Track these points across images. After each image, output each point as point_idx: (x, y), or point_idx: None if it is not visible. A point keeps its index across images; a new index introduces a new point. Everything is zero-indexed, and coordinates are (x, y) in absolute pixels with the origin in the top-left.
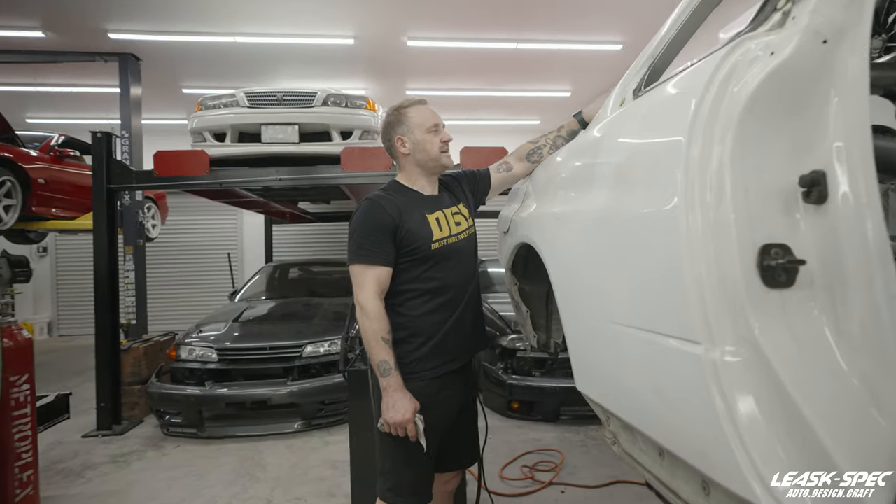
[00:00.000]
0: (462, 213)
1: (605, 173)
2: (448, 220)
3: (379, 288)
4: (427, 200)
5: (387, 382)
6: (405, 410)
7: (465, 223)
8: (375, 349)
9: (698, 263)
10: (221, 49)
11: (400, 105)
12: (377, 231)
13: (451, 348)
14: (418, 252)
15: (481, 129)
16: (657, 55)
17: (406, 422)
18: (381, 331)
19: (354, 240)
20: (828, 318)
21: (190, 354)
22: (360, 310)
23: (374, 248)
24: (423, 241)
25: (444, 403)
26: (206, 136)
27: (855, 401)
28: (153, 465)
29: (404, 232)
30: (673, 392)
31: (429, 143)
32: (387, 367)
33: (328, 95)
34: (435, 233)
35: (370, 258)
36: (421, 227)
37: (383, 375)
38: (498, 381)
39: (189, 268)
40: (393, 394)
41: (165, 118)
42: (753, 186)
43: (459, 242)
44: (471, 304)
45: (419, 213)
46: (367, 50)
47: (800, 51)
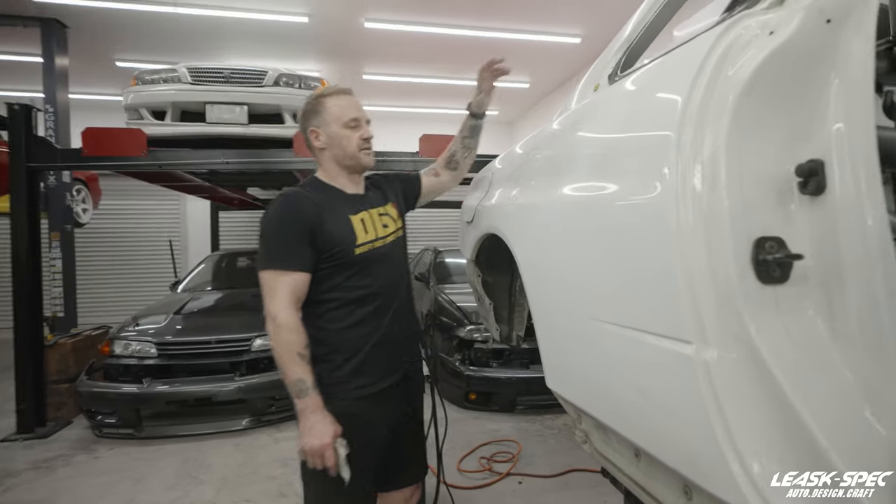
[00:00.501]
0: (390, 214)
1: (584, 160)
2: (374, 222)
3: (294, 296)
4: (350, 199)
5: (303, 404)
6: (323, 435)
7: (394, 225)
8: (290, 366)
9: (689, 257)
10: (161, 20)
11: (319, 93)
12: (292, 232)
13: (379, 365)
14: (340, 257)
15: (440, 117)
16: (634, 39)
17: (324, 448)
18: (297, 345)
19: (266, 242)
20: (823, 316)
21: (125, 349)
22: (270, 321)
23: (288, 251)
24: (345, 245)
25: (376, 423)
26: (143, 113)
27: (852, 402)
28: (83, 471)
29: (324, 234)
30: (658, 393)
31: (345, 138)
32: (303, 386)
33: (280, 75)
34: (359, 236)
35: (284, 263)
36: (343, 230)
37: (299, 396)
38: (455, 372)
39: (126, 256)
40: (310, 416)
41: (97, 93)
42: (748, 176)
43: (386, 246)
44: (401, 312)
45: (341, 214)
46: (322, 29)
47: (802, 31)
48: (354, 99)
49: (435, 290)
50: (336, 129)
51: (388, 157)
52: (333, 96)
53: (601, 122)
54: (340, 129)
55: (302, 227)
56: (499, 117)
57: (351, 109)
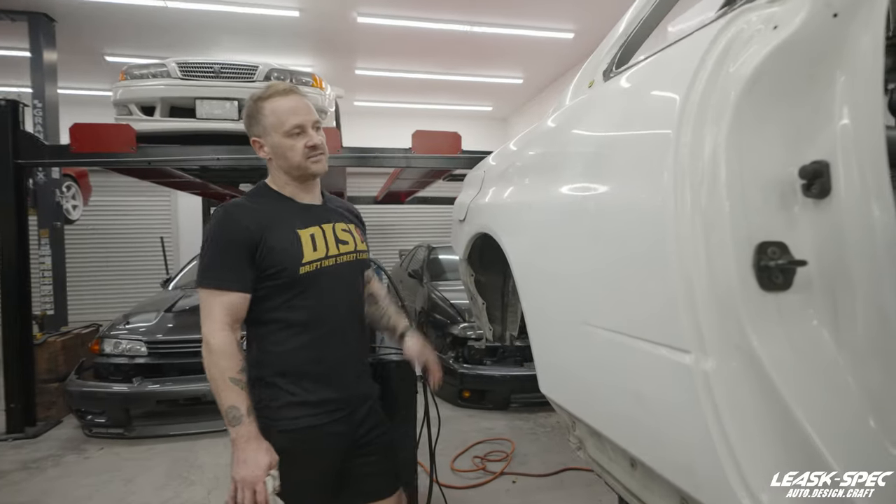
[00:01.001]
0: (353, 233)
1: (578, 159)
2: (327, 238)
3: (230, 318)
4: (301, 211)
5: (236, 433)
6: (255, 467)
7: (353, 244)
8: (223, 392)
9: (687, 262)
10: (151, 13)
11: (259, 95)
12: (230, 249)
13: (325, 395)
14: (282, 276)
15: (434, 113)
16: (629, 34)
17: (255, 480)
18: (229, 369)
19: (203, 259)
20: (828, 325)
21: (116, 348)
22: (204, 344)
23: (224, 269)
24: (288, 263)
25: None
26: (132, 108)
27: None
28: (73, 471)
29: (265, 250)
30: (655, 402)
31: (289, 149)
32: (236, 413)
33: (271, 70)
34: (306, 253)
35: (219, 282)
36: (288, 245)
37: (232, 424)
38: (449, 370)
39: (117, 253)
40: (245, 445)
41: (87, 88)
42: (750, 177)
43: (339, 266)
44: (352, 343)
45: (288, 228)
46: (314, 24)
47: (807, 25)
48: (300, 99)
49: (428, 287)
50: (277, 139)
51: (381, 153)
52: (273, 99)
53: (596, 119)
54: (282, 138)
55: (240, 245)
56: (493, 113)
57: (293, 115)
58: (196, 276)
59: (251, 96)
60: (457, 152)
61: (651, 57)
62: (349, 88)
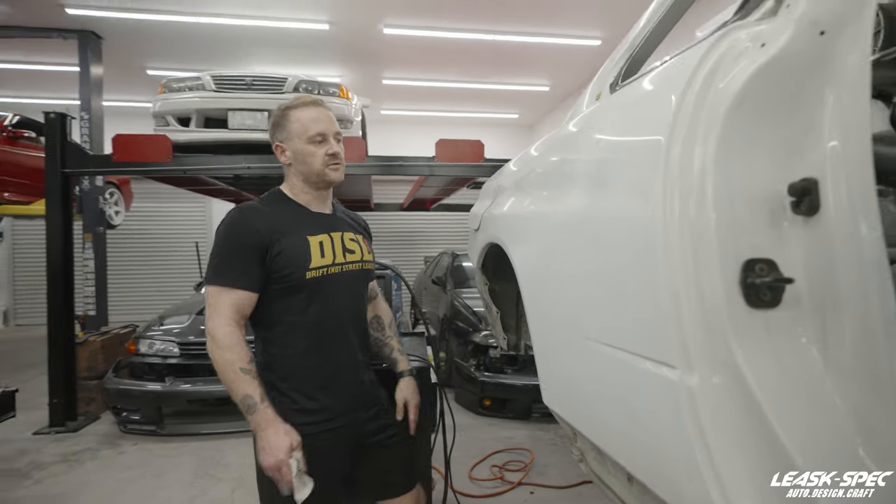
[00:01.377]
0: (360, 243)
1: (578, 173)
2: (335, 246)
3: (237, 314)
4: (312, 218)
5: (254, 421)
6: (278, 450)
7: (360, 254)
8: (235, 384)
9: (676, 278)
10: (189, 30)
11: (287, 105)
12: (241, 249)
13: (327, 403)
14: (288, 280)
15: (460, 121)
16: (636, 47)
17: (280, 464)
18: (238, 361)
19: (214, 257)
20: (817, 343)
21: (150, 348)
22: (209, 339)
23: (235, 268)
24: (296, 267)
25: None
26: (169, 120)
27: (843, 435)
28: (108, 465)
29: (275, 254)
30: (645, 418)
31: (310, 155)
32: (251, 402)
33: (300, 81)
34: (314, 259)
35: (228, 280)
36: (296, 251)
37: (248, 413)
38: (470, 377)
39: (155, 257)
40: (263, 432)
41: (130, 100)
42: (738, 194)
43: (344, 274)
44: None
45: (298, 233)
46: (343, 36)
47: (795, 43)
48: (324, 111)
49: (451, 294)
50: (300, 145)
51: (404, 161)
52: (300, 108)
53: (597, 133)
54: (305, 144)
55: (251, 247)
56: (519, 120)
57: (317, 123)
58: (205, 274)
59: (279, 105)
60: (479, 160)
61: (649, 72)
62: (377, 97)
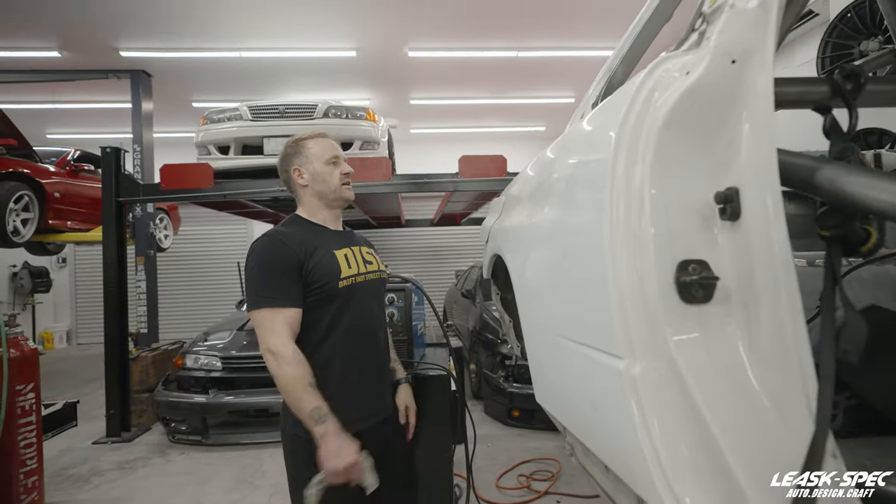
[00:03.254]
0: (374, 255)
1: (554, 188)
2: (356, 258)
3: (291, 332)
4: (333, 235)
5: (324, 429)
6: (349, 453)
7: (377, 265)
8: (304, 398)
9: (621, 279)
10: (229, 64)
11: (299, 137)
12: (282, 270)
13: (357, 404)
14: (324, 290)
15: (487, 136)
16: (613, 69)
17: (355, 464)
18: (307, 376)
19: (257, 282)
20: (742, 334)
21: (195, 363)
22: (273, 358)
23: (281, 289)
24: (331, 277)
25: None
26: (210, 149)
27: (763, 418)
28: (158, 472)
29: (310, 267)
30: (603, 407)
31: (328, 174)
32: (321, 413)
33: (329, 107)
34: (343, 269)
35: (278, 301)
36: (329, 262)
37: (319, 422)
38: (498, 388)
39: (200, 277)
40: (334, 439)
41: (177, 131)
42: (674, 203)
43: (368, 282)
44: (382, 352)
45: (325, 249)
46: (369, 61)
47: (710, 70)
48: (330, 141)
49: (480, 307)
50: (319, 167)
51: (430, 178)
52: (312, 139)
53: (570, 151)
54: (323, 166)
55: (290, 266)
56: (545, 133)
57: (330, 149)
58: (248, 301)
59: (293, 138)
60: (502, 174)
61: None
62: (405, 117)
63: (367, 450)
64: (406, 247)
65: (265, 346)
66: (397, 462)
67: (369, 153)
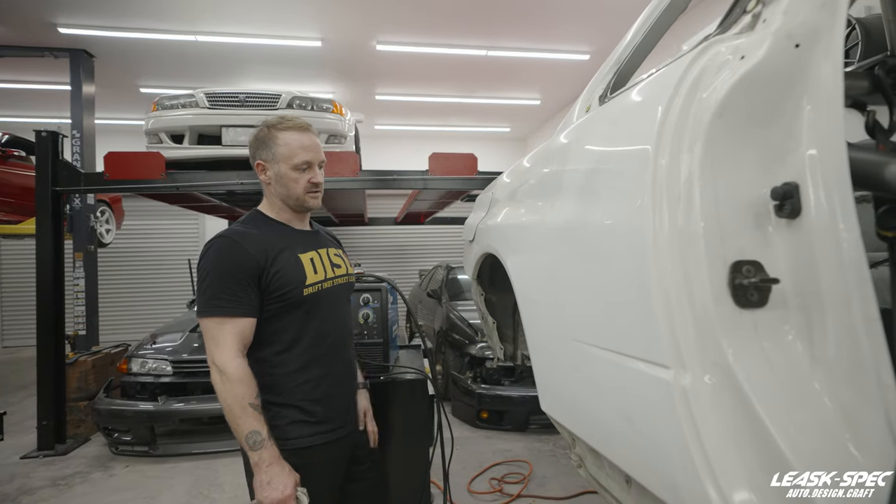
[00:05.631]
0: (343, 257)
1: (570, 182)
2: (324, 262)
3: (241, 344)
4: (298, 236)
5: (259, 457)
6: (284, 486)
7: (345, 268)
8: (242, 419)
9: (666, 282)
10: (182, 48)
11: (274, 124)
12: (237, 276)
13: (327, 413)
14: (287, 298)
15: (453, 135)
16: (623, 61)
17: (286, 500)
18: (248, 395)
19: (207, 287)
20: (802, 341)
21: (142, 367)
22: (216, 373)
23: (233, 297)
24: (295, 285)
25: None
26: (162, 137)
27: (831, 432)
28: (99, 488)
29: (272, 274)
30: (640, 419)
31: (292, 181)
32: (258, 438)
33: (293, 98)
34: (308, 275)
35: (229, 310)
36: (293, 269)
37: (253, 448)
38: (467, 390)
39: (147, 275)
40: (268, 469)
41: (123, 118)
42: (724, 199)
43: (335, 288)
44: (349, 360)
45: (290, 252)
46: (335, 53)
47: (771, 55)
48: (312, 138)
49: (447, 307)
50: (284, 170)
51: (399, 175)
52: (288, 131)
53: (587, 144)
54: (289, 170)
55: (247, 271)
56: (511, 134)
57: (304, 151)
58: (198, 306)
59: (265, 122)
60: (473, 173)
61: (636, 84)
62: (370, 113)
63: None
64: (368, 245)
65: (210, 358)
66: (368, 470)
67: (336, 147)
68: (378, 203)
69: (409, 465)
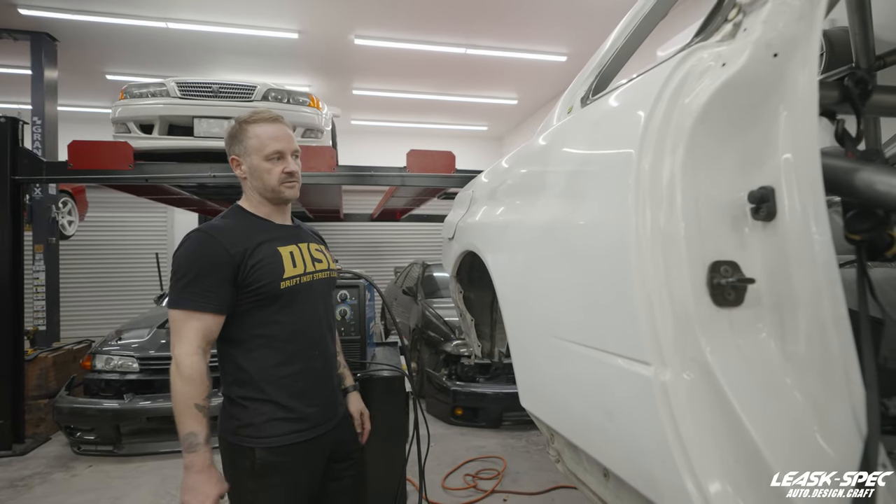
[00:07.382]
0: (324, 252)
1: (552, 182)
2: (304, 256)
3: (203, 341)
4: (278, 230)
5: (190, 460)
6: (205, 496)
7: (326, 262)
8: (185, 417)
9: (648, 281)
10: (152, 34)
11: (244, 118)
12: (209, 271)
13: (307, 411)
14: (263, 291)
15: (430, 132)
16: (605, 63)
17: None
18: (197, 396)
19: (180, 279)
20: (775, 339)
21: (107, 364)
22: (174, 367)
23: (204, 291)
24: (272, 278)
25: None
26: (130, 126)
27: (802, 425)
28: (60, 489)
29: (249, 267)
30: (620, 414)
31: (266, 172)
32: (194, 440)
33: (269, 90)
34: (287, 269)
35: (197, 304)
36: (271, 262)
37: (188, 450)
38: (442, 387)
39: (112, 269)
40: (195, 475)
41: (88, 106)
42: (704, 201)
43: (314, 282)
44: (329, 357)
45: (269, 245)
46: (313, 46)
47: (751, 63)
48: (282, 128)
49: (422, 305)
50: (256, 162)
51: (376, 171)
52: (258, 124)
53: (569, 145)
54: (261, 161)
55: (221, 266)
56: (488, 133)
57: (274, 141)
58: (168, 297)
59: (236, 118)
60: (451, 171)
61: (619, 87)
62: (346, 108)
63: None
64: (343, 241)
65: (172, 351)
66: (349, 468)
67: (312, 141)
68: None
69: (386, 463)
